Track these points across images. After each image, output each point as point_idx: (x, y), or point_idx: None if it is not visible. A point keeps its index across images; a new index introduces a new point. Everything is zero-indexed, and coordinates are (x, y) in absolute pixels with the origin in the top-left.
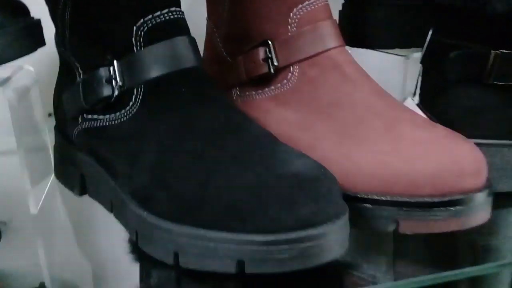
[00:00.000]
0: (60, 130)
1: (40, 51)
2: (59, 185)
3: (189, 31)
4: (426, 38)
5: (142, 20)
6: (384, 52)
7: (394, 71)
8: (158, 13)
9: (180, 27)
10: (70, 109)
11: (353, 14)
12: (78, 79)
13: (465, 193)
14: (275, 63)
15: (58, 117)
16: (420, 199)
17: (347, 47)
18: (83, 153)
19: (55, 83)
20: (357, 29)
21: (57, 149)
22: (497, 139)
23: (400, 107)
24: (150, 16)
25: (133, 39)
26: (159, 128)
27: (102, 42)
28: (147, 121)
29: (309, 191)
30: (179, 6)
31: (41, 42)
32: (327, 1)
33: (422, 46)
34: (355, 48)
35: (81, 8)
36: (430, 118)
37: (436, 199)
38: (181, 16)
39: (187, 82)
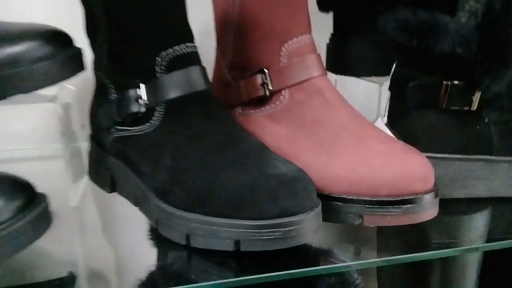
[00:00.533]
0: (95, 139)
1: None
2: (92, 184)
3: (201, 61)
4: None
5: (163, 53)
6: (363, 79)
7: (371, 95)
8: (177, 47)
9: (193, 58)
10: (104, 121)
11: (338, 47)
12: (111, 98)
13: (415, 194)
14: (270, 88)
15: (93, 128)
16: (380, 199)
17: (333, 74)
18: (114, 157)
19: (89, 100)
20: (341, 60)
21: (91, 154)
22: (450, 153)
23: (369, 126)
24: (170, 50)
25: (156, 67)
26: (176, 138)
27: (132, 69)
28: (166, 132)
29: (290, 188)
30: (193, 42)
31: (83, 67)
32: (312, 38)
33: None
34: (340, 76)
35: (116, 41)
36: (395, 136)
37: (392, 199)
38: (195, 50)
39: (198, 103)
